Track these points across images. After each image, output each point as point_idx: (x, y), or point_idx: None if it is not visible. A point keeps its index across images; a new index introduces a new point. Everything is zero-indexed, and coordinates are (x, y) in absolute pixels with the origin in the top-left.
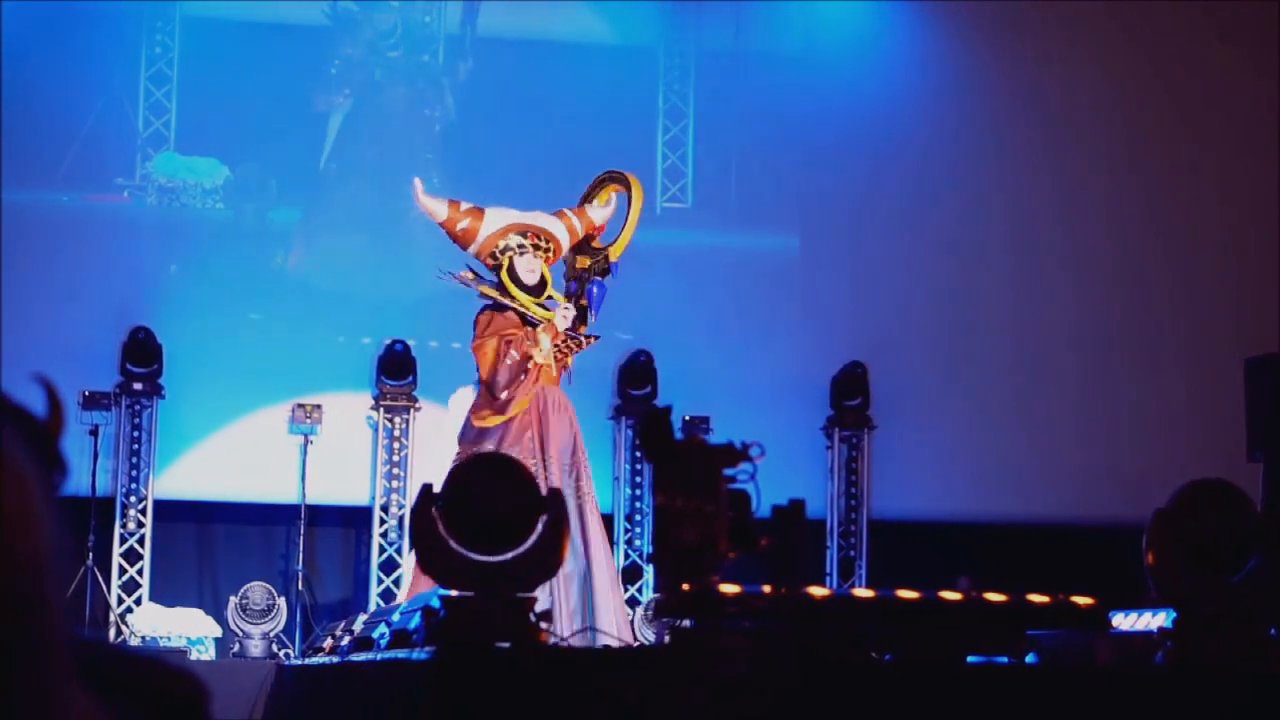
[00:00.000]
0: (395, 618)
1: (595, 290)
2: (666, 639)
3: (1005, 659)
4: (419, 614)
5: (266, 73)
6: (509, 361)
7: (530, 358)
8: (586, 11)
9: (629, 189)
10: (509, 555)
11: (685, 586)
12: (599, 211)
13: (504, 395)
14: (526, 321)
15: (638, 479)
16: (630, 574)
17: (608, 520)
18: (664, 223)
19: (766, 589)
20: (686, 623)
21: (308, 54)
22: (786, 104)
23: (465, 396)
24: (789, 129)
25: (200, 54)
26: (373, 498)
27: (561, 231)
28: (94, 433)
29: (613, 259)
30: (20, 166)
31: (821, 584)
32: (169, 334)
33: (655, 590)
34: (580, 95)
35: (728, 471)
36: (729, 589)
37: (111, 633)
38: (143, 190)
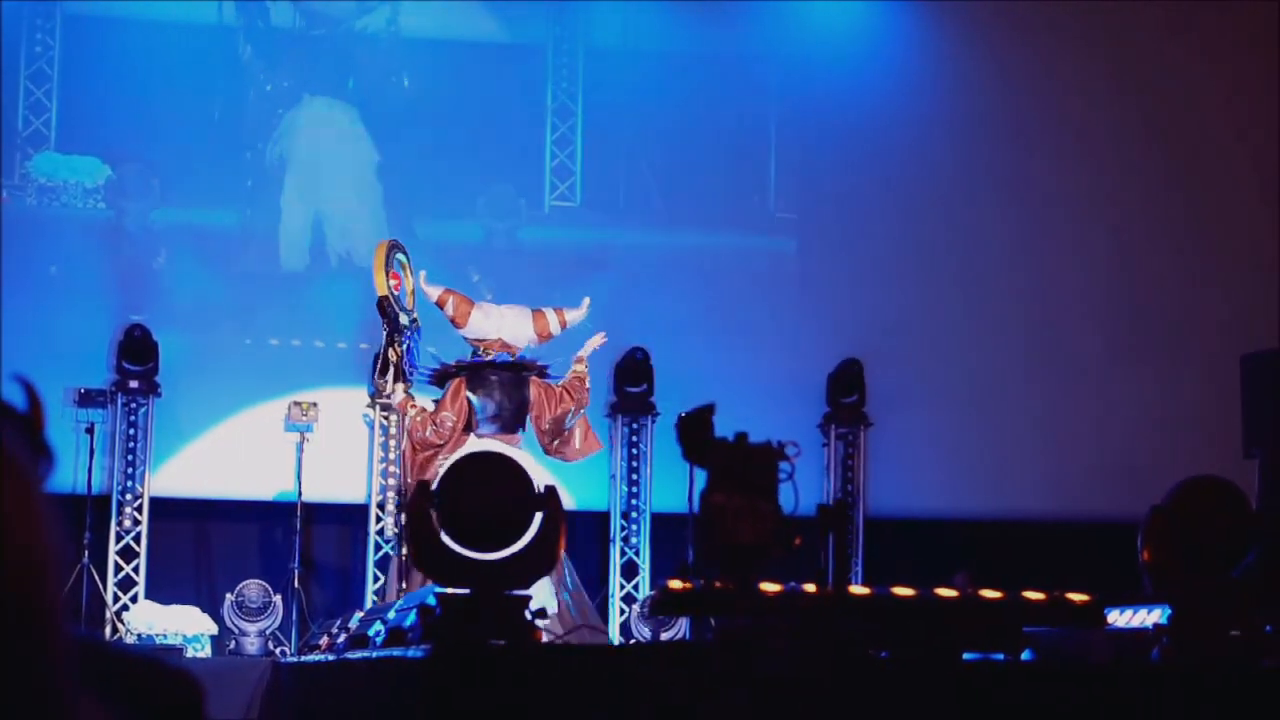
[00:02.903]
0: (391, 615)
1: (413, 343)
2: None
3: (1001, 656)
4: (415, 611)
5: (148, 71)
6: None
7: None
8: (475, 10)
9: (408, 255)
10: (505, 553)
11: (680, 585)
12: (575, 313)
13: None
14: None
15: (634, 476)
16: (627, 570)
17: (604, 518)
18: (552, 221)
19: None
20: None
21: (191, 52)
22: (675, 101)
23: None
24: (753, 126)
25: (81, 52)
26: (369, 495)
27: (525, 331)
28: (90, 430)
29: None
30: None
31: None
32: (163, 331)
33: (652, 588)
34: (469, 93)
35: None
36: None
37: (107, 630)
38: (22, 190)
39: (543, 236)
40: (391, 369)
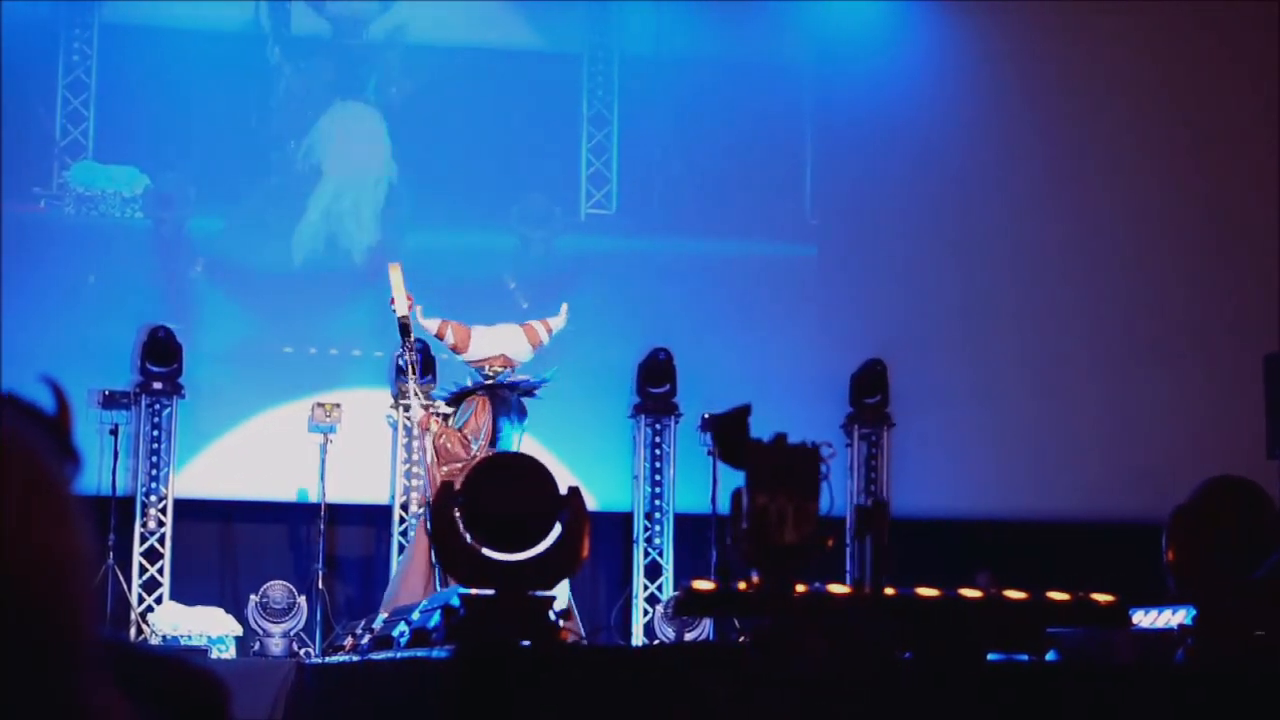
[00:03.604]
0: (415, 616)
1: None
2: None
3: (1025, 657)
4: (439, 613)
5: (186, 80)
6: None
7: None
8: (510, 18)
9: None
10: (529, 554)
11: (705, 586)
12: (557, 320)
13: None
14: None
15: (657, 477)
16: (650, 571)
17: (627, 518)
18: (588, 229)
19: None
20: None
21: (228, 61)
22: (710, 108)
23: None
24: (762, 132)
25: (119, 61)
26: (392, 496)
27: (522, 346)
28: (114, 432)
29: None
30: None
31: (842, 582)
32: (189, 333)
33: (676, 589)
34: (505, 102)
35: None
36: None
37: (132, 632)
38: (60, 200)
39: (578, 244)
40: (412, 385)
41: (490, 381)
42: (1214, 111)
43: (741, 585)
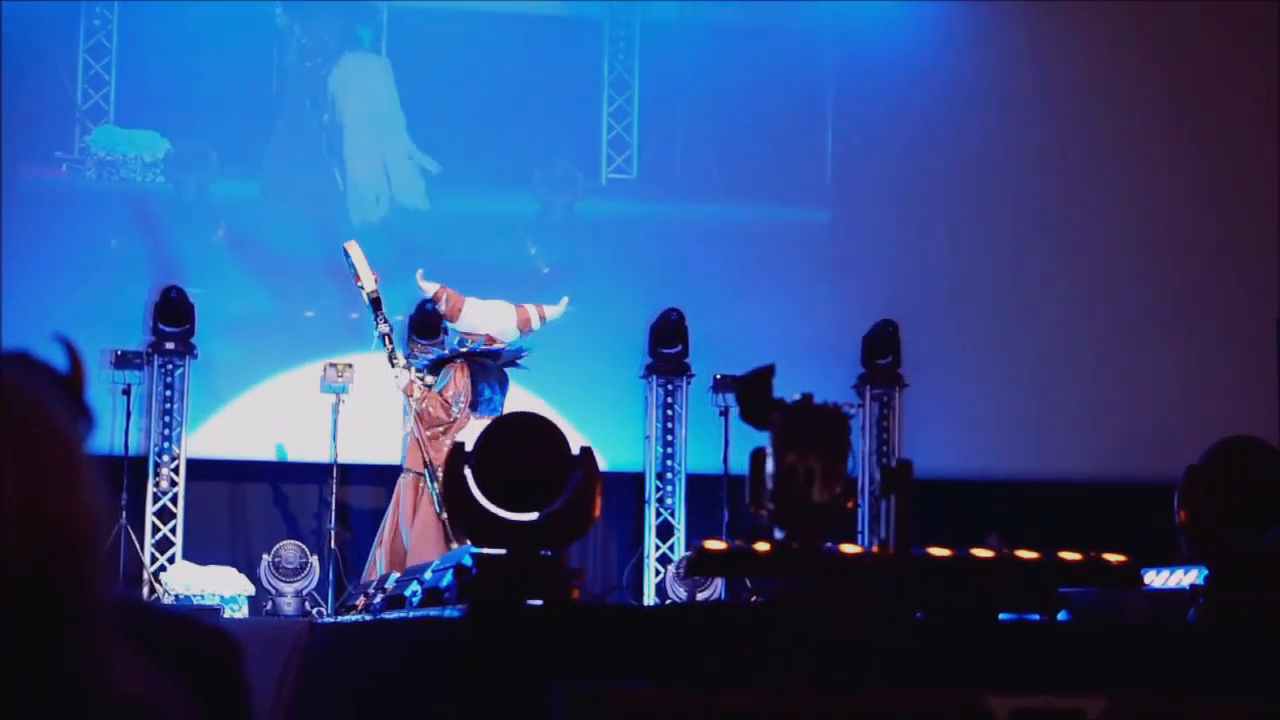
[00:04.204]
0: (427, 576)
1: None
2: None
3: (1037, 616)
4: (451, 572)
5: (207, 44)
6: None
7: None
8: None
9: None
10: (540, 514)
11: (717, 546)
12: (553, 310)
13: None
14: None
15: (669, 437)
16: (662, 531)
17: (639, 478)
18: (609, 193)
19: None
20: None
21: (249, 26)
22: (731, 73)
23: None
24: (780, 99)
25: (140, 26)
26: (404, 455)
27: (509, 325)
28: (126, 392)
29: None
30: None
31: (854, 541)
32: (203, 294)
33: (688, 549)
34: (525, 66)
35: None
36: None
37: (145, 591)
38: (81, 164)
39: (600, 209)
40: (388, 354)
41: (465, 350)
42: (1226, 83)
43: (765, 545)
